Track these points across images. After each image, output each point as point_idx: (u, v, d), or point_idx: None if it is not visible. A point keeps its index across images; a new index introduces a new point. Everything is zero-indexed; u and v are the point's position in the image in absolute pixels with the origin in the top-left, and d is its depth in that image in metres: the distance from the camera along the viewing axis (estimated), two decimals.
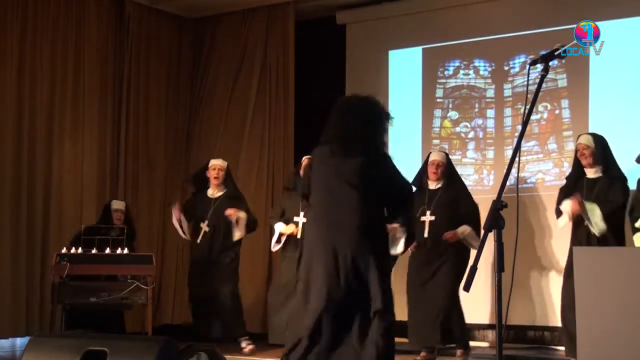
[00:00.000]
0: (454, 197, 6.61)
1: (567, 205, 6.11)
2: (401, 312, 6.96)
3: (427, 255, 6.56)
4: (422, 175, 6.81)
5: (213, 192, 7.30)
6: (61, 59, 7.87)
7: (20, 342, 7.39)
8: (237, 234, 7.12)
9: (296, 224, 6.90)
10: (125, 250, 6.74)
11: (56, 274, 6.51)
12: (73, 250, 6.59)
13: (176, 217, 7.19)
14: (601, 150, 6.17)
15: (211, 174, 7.27)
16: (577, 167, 6.29)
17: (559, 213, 6.26)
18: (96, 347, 3.36)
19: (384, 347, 4.23)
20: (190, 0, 8.63)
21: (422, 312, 6.53)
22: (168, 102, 8.86)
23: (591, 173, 6.22)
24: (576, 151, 6.29)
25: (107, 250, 6.69)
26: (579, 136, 6.36)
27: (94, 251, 6.65)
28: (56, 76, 7.82)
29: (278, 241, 7.00)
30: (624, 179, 6.14)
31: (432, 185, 6.71)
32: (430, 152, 6.97)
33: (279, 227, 6.95)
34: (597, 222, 5.93)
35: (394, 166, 4.46)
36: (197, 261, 7.22)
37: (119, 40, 8.44)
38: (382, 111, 4.51)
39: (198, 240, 7.18)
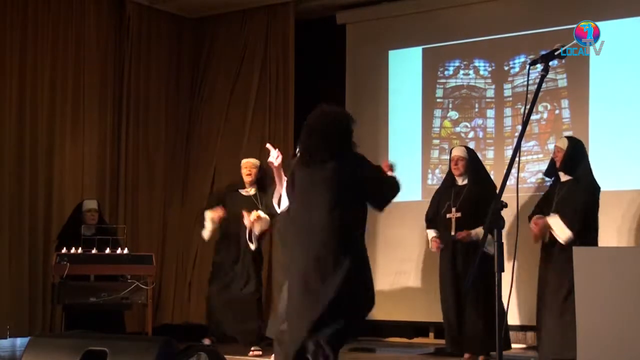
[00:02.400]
0: (481, 193, 6.42)
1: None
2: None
3: (453, 255, 6.43)
4: (450, 172, 6.74)
5: (248, 191, 7.27)
6: (61, 58, 7.88)
7: (20, 342, 7.39)
8: (254, 244, 7.08)
9: None
10: (126, 250, 6.75)
11: (56, 274, 6.52)
12: (73, 251, 6.60)
13: (218, 216, 7.12)
14: (572, 153, 6.14)
15: (243, 172, 7.27)
16: (554, 170, 6.30)
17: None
18: (96, 347, 3.36)
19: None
20: (190, 0, 8.63)
21: (460, 316, 6.38)
22: (168, 102, 8.86)
23: (563, 177, 6.23)
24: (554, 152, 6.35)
25: (107, 250, 6.69)
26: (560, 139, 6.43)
27: (94, 251, 6.65)
28: (56, 76, 7.83)
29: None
30: (589, 180, 6.10)
31: (459, 180, 6.62)
32: (452, 148, 6.91)
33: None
34: (559, 233, 5.97)
35: (371, 164, 4.66)
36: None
37: (119, 40, 8.44)
38: (345, 118, 4.78)
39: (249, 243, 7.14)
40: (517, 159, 3.14)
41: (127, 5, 8.42)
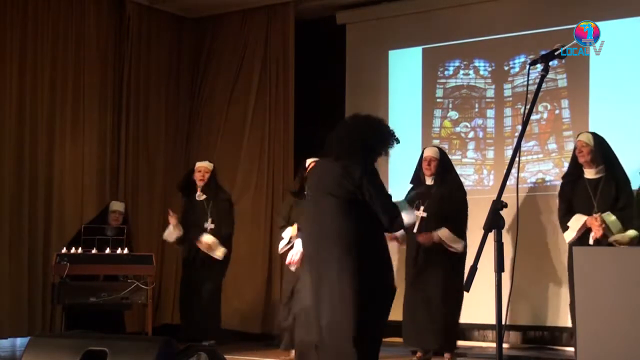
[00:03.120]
0: (446, 193, 6.56)
1: (578, 223, 5.93)
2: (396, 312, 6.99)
3: (416, 252, 6.55)
4: (418, 171, 6.79)
5: (200, 195, 7.33)
6: (61, 58, 7.88)
7: (20, 342, 7.39)
8: (219, 254, 7.14)
9: None
10: (126, 250, 6.75)
11: (56, 274, 6.52)
12: (73, 250, 6.60)
13: (173, 223, 7.20)
14: (600, 149, 6.00)
15: (197, 176, 7.30)
16: (575, 166, 6.13)
17: (565, 226, 6.06)
18: (96, 347, 3.36)
19: None
20: (190, 0, 8.63)
21: (417, 312, 6.51)
22: (168, 102, 8.86)
23: (591, 173, 6.04)
24: (574, 149, 6.15)
25: (107, 250, 6.69)
26: (579, 134, 6.24)
27: (94, 251, 6.65)
28: (57, 76, 7.83)
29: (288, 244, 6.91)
30: (628, 181, 6.00)
31: (428, 180, 6.70)
32: (424, 148, 6.96)
33: (288, 233, 6.62)
34: (618, 239, 5.71)
35: (374, 185, 4.44)
36: (189, 262, 7.28)
37: (119, 40, 8.44)
38: (385, 132, 4.59)
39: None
40: (517, 159, 3.13)
41: (127, 5, 8.42)
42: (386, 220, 4.38)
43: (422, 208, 6.57)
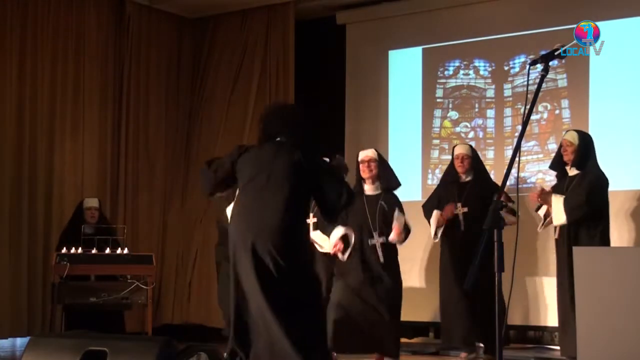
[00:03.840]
0: (486, 190, 6.40)
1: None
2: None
3: (460, 249, 6.36)
4: (451, 169, 6.72)
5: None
6: (61, 59, 7.88)
7: (20, 342, 7.39)
8: None
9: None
10: (126, 250, 6.75)
11: (56, 274, 6.51)
12: (73, 250, 6.59)
13: None
14: (583, 148, 6.09)
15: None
16: (560, 164, 6.24)
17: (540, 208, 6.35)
18: (96, 347, 3.36)
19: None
20: (190, 0, 8.63)
21: (459, 310, 6.37)
22: (168, 102, 8.86)
23: (572, 171, 6.17)
24: (560, 146, 6.26)
25: (107, 251, 6.69)
26: (566, 132, 6.34)
27: (94, 251, 6.65)
28: (57, 76, 7.83)
29: None
30: (599, 178, 6.06)
31: (463, 177, 6.62)
32: (455, 145, 6.89)
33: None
34: (555, 215, 6.01)
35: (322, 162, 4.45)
36: None
37: (119, 40, 8.44)
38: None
39: None
40: (517, 159, 3.13)
41: (127, 5, 8.42)
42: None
43: (459, 205, 6.48)
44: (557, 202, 6.01)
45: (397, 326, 5.93)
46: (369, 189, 6.07)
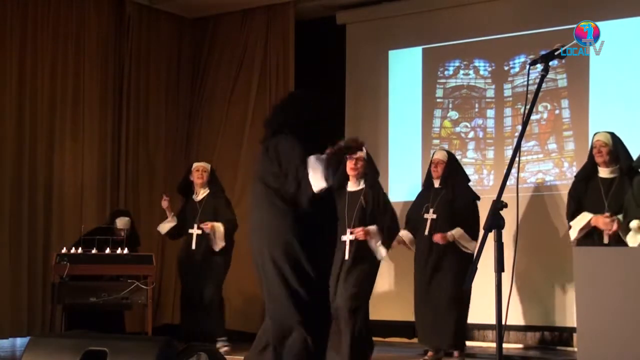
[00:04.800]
0: (455, 196, 6.63)
1: (581, 222, 5.87)
2: (408, 313, 7.01)
3: (428, 254, 6.60)
4: (429, 174, 6.84)
5: (197, 194, 7.32)
6: (62, 59, 7.88)
7: (20, 342, 7.39)
8: (218, 245, 7.11)
9: None
10: (126, 250, 6.74)
11: (56, 274, 6.52)
12: (73, 250, 6.60)
13: (165, 206, 7.23)
14: (618, 148, 5.93)
15: (195, 176, 7.29)
16: (591, 165, 6.04)
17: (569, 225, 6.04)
18: (96, 347, 3.36)
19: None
20: (190, 0, 8.63)
21: (427, 313, 6.58)
22: (168, 102, 8.86)
23: (605, 172, 5.96)
24: (592, 148, 6.03)
25: (107, 251, 6.69)
26: (595, 134, 6.12)
27: (94, 251, 6.65)
28: (57, 76, 7.83)
29: None
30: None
31: (437, 183, 6.74)
32: (434, 151, 6.98)
33: None
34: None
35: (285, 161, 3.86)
36: (185, 261, 7.25)
37: (119, 40, 8.44)
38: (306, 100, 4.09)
39: (193, 246, 7.16)
40: (517, 159, 3.13)
41: (127, 5, 8.42)
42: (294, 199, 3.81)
43: (431, 210, 6.63)
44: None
45: (358, 323, 5.76)
46: (351, 185, 6.03)
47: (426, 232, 6.60)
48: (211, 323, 7.05)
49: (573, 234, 5.97)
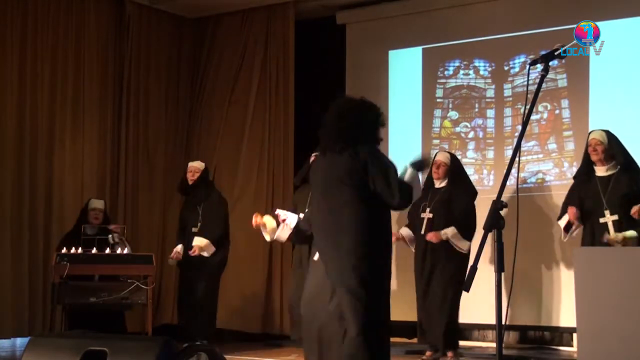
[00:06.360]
0: (454, 196, 6.65)
1: (562, 222, 6.04)
2: (408, 313, 7.01)
3: (424, 253, 6.66)
4: (429, 175, 6.83)
5: (192, 194, 7.38)
6: (61, 59, 7.88)
7: (20, 342, 7.39)
8: (209, 253, 7.14)
9: None
10: (126, 250, 6.74)
11: (56, 274, 6.52)
12: (73, 251, 6.59)
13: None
14: (613, 146, 5.95)
15: (187, 175, 7.35)
16: (587, 165, 6.06)
17: (561, 218, 6.11)
18: (96, 347, 3.36)
19: None
20: (190, 0, 8.63)
21: (425, 311, 6.64)
22: (168, 102, 8.86)
23: (602, 171, 5.97)
24: (587, 146, 6.05)
25: (107, 251, 6.69)
26: (591, 132, 6.16)
27: (94, 251, 6.65)
28: (57, 76, 7.83)
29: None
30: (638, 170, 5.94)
31: (437, 184, 6.76)
32: (436, 152, 6.98)
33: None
34: (612, 237, 5.70)
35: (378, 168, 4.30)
36: (183, 260, 7.31)
37: (119, 40, 8.44)
38: (364, 107, 4.47)
39: (189, 246, 7.19)
40: (517, 159, 3.13)
41: (127, 5, 8.42)
42: (394, 202, 4.21)
43: (428, 210, 6.66)
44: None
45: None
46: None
47: (422, 231, 6.65)
48: (195, 323, 7.08)
49: (563, 235, 6.14)
